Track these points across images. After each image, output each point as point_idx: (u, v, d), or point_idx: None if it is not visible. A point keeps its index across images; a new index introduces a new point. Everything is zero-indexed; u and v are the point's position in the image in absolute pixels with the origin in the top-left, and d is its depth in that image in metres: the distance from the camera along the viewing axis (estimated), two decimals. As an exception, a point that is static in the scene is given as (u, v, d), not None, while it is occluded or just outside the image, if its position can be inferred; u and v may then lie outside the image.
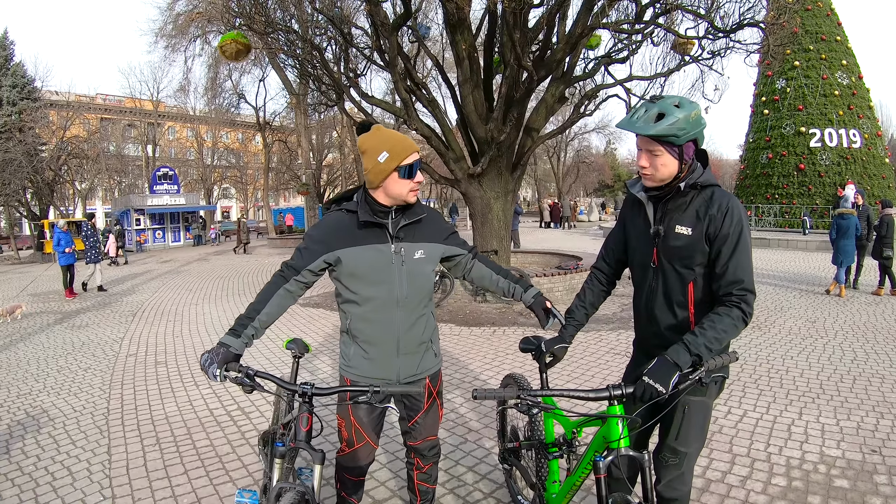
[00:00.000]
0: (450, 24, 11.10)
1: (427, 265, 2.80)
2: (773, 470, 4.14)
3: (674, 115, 2.28)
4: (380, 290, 2.70)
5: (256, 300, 2.70)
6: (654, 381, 2.17)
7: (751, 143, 27.09)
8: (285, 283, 2.71)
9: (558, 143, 54.28)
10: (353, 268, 2.68)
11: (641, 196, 2.56)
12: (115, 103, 54.36)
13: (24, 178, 29.52)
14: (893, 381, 6.05)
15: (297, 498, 2.40)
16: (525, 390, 2.39)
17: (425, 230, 2.81)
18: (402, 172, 2.61)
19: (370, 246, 2.67)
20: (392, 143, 2.61)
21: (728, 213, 2.35)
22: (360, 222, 2.67)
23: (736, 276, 2.32)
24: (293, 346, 3.39)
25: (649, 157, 2.40)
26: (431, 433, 3.03)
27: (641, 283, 2.69)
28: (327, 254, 2.67)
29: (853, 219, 11.05)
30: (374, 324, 2.74)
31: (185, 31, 30.93)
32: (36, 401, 6.31)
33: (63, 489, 4.20)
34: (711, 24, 10.09)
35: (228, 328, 2.64)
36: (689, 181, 2.42)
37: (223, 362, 2.49)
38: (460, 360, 7.37)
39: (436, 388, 2.98)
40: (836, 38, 24.97)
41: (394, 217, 2.71)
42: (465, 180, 11.52)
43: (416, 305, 2.78)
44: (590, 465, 2.48)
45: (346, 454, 2.94)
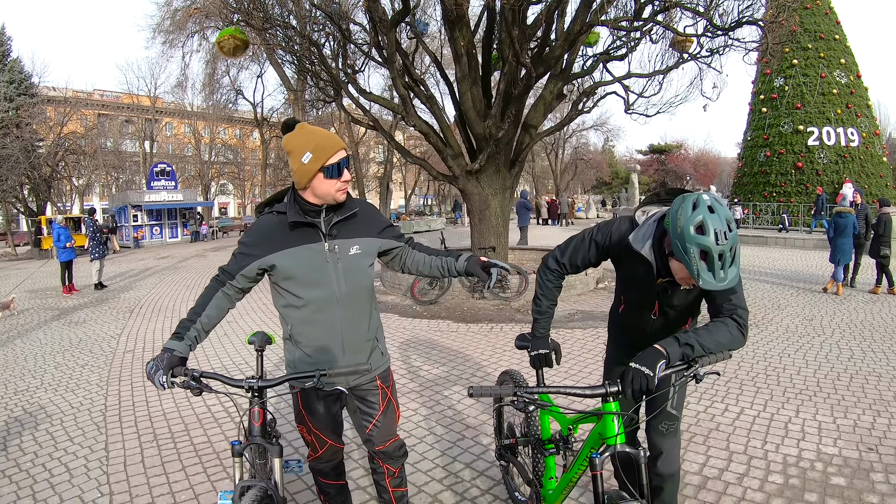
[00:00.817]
0: (448, 21, 11.08)
1: (364, 260, 2.76)
2: (769, 467, 4.15)
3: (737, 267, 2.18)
4: (318, 291, 2.66)
5: (196, 304, 2.66)
6: (640, 365, 2.18)
7: (749, 141, 27.10)
8: (222, 287, 2.68)
9: (556, 139, 54.29)
10: (288, 271, 2.63)
11: (648, 255, 2.46)
12: (112, 99, 54.25)
13: (21, 174, 29.46)
14: (890, 379, 6.06)
15: (260, 494, 2.41)
16: (521, 387, 2.39)
17: (359, 225, 2.75)
18: (327, 172, 2.54)
19: (303, 247, 2.63)
20: (316, 143, 2.53)
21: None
22: (290, 223, 2.61)
23: (724, 299, 2.39)
24: (255, 339, 3.34)
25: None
26: (393, 434, 2.98)
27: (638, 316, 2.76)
28: (260, 259, 2.62)
29: (851, 217, 11.05)
30: (315, 325, 2.70)
31: (183, 26, 30.81)
32: (33, 397, 6.30)
33: (61, 486, 4.20)
34: (710, 21, 10.10)
35: (172, 332, 2.61)
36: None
37: (169, 367, 2.45)
38: (458, 357, 7.37)
39: (388, 387, 2.94)
40: (834, 36, 24.98)
41: (326, 215, 2.66)
42: (463, 177, 11.52)
43: (358, 303, 2.75)
44: (586, 461, 2.48)
45: (314, 458, 2.95)
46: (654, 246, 2.42)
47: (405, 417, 5.33)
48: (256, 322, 10.02)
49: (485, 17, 12.10)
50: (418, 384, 6.32)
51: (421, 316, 9.98)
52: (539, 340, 2.88)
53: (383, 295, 12.00)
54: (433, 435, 4.94)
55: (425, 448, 4.68)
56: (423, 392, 6.04)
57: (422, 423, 5.20)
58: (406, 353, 7.59)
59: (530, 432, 3.13)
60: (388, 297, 11.81)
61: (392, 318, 9.74)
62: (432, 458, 4.48)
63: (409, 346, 7.96)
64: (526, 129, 11.73)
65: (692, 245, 2.09)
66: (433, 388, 6.15)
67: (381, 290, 12.46)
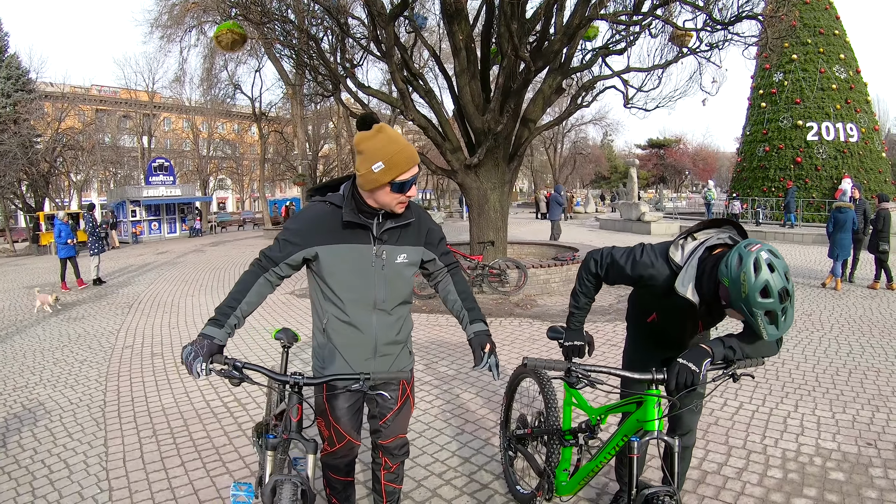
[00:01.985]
0: (447, 15, 11.05)
1: (409, 269, 2.73)
2: (769, 462, 4.15)
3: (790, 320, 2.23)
4: (356, 293, 2.62)
5: (236, 289, 2.58)
6: (688, 361, 2.26)
7: (748, 135, 27.08)
8: (265, 273, 2.61)
9: (555, 134, 54.24)
10: (330, 266, 2.59)
11: (693, 298, 2.44)
12: (110, 94, 54.13)
13: (19, 170, 29.44)
14: (889, 374, 6.07)
15: (295, 489, 2.38)
16: (576, 363, 2.43)
17: (412, 233, 2.70)
18: (394, 187, 2.46)
19: (351, 245, 2.57)
20: (391, 155, 2.42)
21: None
22: (344, 221, 2.55)
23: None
24: (282, 335, 3.31)
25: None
26: (401, 431, 2.95)
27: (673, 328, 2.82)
28: (306, 249, 2.57)
29: (850, 213, 11.05)
30: (349, 326, 2.65)
31: (181, 21, 30.74)
32: (32, 393, 6.30)
33: (60, 482, 4.20)
34: (710, 16, 10.09)
35: (208, 318, 2.53)
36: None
37: (208, 355, 2.39)
38: (457, 351, 7.37)
39: (409, 385, 2.93)
40: (834, 31, 24.94)
41: (380, 220, 2.59)
42: (462, 171, 11.50)
43: (394, 309, 2.72)
44: (615, 449, 2.60)
45: (329, 453, 2.89)
46: (696, 286, 2.43)
47: (404, 412, 5.34)
48: (283, 317, 10.02)
49: (483, 11, 12.08)
50: (417, 378, 6.31)
51: (420, 310, 9.97)
52: (573, 332, 2.93)
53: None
54: (433, 429, 4.94)
55: (425, 442, 4.69)
56: (422, 387, 6.05)
57: (421, 418, 5.20)
58: (405, 348, 7.59)
59: (549, 422, 3.16)
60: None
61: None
62: (431, 453, 4.48)
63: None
64: (525, 124, 11.71)
65: (759, 310, 2.12)
66: (432, 383, 6.16)
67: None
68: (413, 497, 3.82)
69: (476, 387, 5.97)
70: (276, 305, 10.98)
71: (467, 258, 11.51)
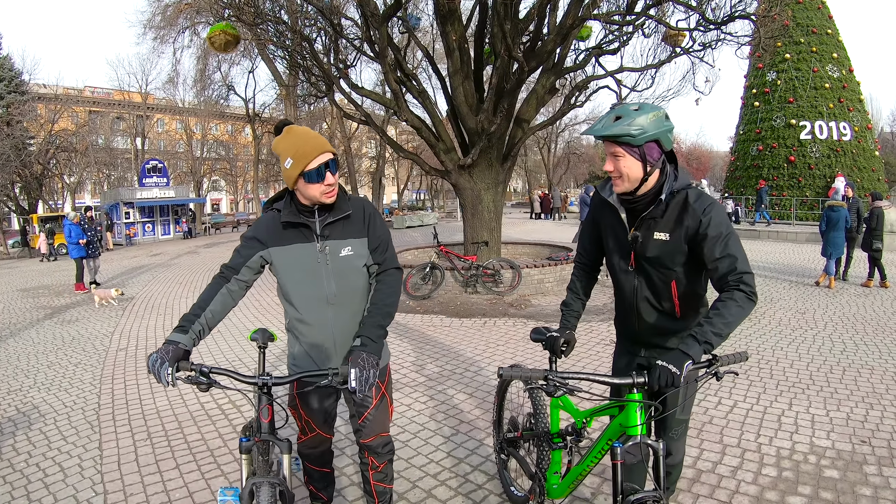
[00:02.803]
0: (440, 15, 11.06)
1: (356, 260, 2.76)
2: (763, 460, 4.16)
3: (630, 116, 2.34)
4: (308, 290, 2.71)
5: (200, 298, 2.66)
6: (667, 363, 2.21)
7: (741, 135, 27.14)
8: (227, 283, 2.70)
9: (549, 134, 54.22)
10: (282, 267, 2.72)
11: (614, 201, 2.60)
12: (103, 96, 53.98)
13: (12, 172, 29.35)
14: (883, 371, 6.09)
15: (273, 490, 2.40)
16: (552, 371, 2.40)
17: (354, 226, 2.76)
18: (307, 178, 2.55)
19: (296, 245, 2.69)
20: (296, 148, 2.55)
21: (707, 216, 2.41)
22: (283, 223, 2.67)
23: (728, 268, 2.36)
24: (257, 336, 3.28)
25: (613, 160, 2.45)
26: (383, 430, 2.98)
27: (623, 283, 2.75)
28: (263, 251, 2.70)
29: (843, 211, 11.08)
30: (308, 324, 2.76)
31: (174, 22, 30.74)
32: (27, 397, 6.28)
33: (55, 486, 4.18)
34: (703, 15, 10.10)
35: (175, 326, 2.58)
36: (665, 189, 2.47)
37: (174, 360, 2.41)
38: (451, 352, 7.37)
39: (384, 383, 2.95)
40: (827, 31, 25.01)
41: (319, 216, 2.69)
42: (456, 171, 11.51)
43: (349, 303, 2.78)
44: (601, 453, 2.55)
45: (303, 441, 3.02)
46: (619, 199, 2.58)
47: (399, 413, 5.33)
48: (261, 320, 10.00)
49: (477, 12, 12.10)
50: (412, 379, 6.32)
51: (414, 311, 9.97)
52: (559, 330, 2.90)
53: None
54: (427, 430, 4.94)
55: (419, 443, 4.68)
56: (416, 387, 6.04)
57: (416, 419, 5.20)
58: (399, 349, 7.59)
59: (538, 425, 3.15)
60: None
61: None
62: (426, 454, 4.48)
63: (402, 342, 7.96)
64: (518, 124, 11.73)
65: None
66: (427, 384, 6.15)
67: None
68: (408, 498, 3.82)
69: (471, 387, 5.97)
70: (270, 307, 10.96)
71: (461, 258, 11.52)
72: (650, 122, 2.34)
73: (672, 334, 2.68)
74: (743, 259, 2.37)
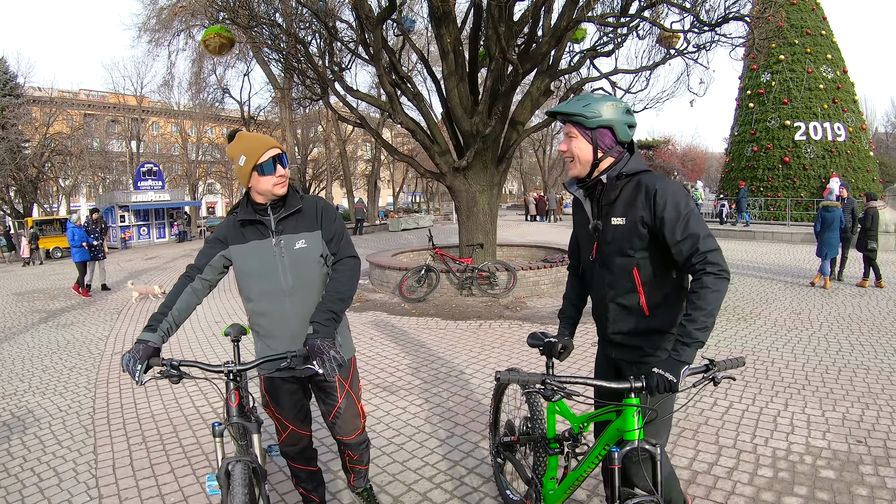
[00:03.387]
0: (435, 18, 11.07)
1: (311, 252, 2.93)
2: (759, 461, 4.16)
3: (589, 100, 2.46)
4: (267, 284, 2.89)
5: (166, 298, 2.85)
6: (664, 371, 2.20)
7: (736, 136, 27.19)
8: (191, 283, 2.90)
9: (544, 136, 54.22)
10: (240, 265, 2.91)
11: (578, 193, 2.67)
12: (98, 99, 53.80)
13: (7, 175, 29.31)
14: (878, 371, 6.10)
15: (246, 468, 2.53)
16: (551, 375, 2.37)
17: (305, 220, 2.94)
18: (260, 170, 2.77)
19: (252, 242, 2.88)
20: (247, 146, 2.79)
21: (656, 196, 2.39)
22: (240, 221, 2.89)
23: (691, 249, 2.33)
24: (231, 330, 3.57)
25: (567, 140, 2.53)
26: (356, 427, 3.20)
27: (590, 276, 2.77)
28: (223, 250, 2.92)
29: (838, 211, 11.11)
30: (267, 317, 2.94)
31: (169, 25, 30.62)
32: (21, 401, 6.26)
33: (49, 490, 4.17)
34: (697, 17, 10.14)
35: (144, 325, 2.76)
36: (612, 172, 2.51)
37: (144, 357, 2.58)
38: (446, 354, 7.36)
39: (347, 380, 3.12)
40: (821, 32, 25.07)
41: (274, 213, 2.89)
42: (451, 174, 11.51)
43: (306, 294, 2.92)
44: (597, 458, 2.51)
45: (281, 441, 3.19)
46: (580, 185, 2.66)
47: (394, 416, 5.33)
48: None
49: (471, 14, 12.09)
50: (407, 381, 6.31)
51: (409, 314, 9.96)
52: (556, 335, 2.91)
53: (371, 293, 11.97)
54: (422, 433, 4.93)
55: (415, 446, 4.67)
56: (411, 390, 6.04)
57: (411, 421, 5.19)
58: (395, 351, 7.58)
59: (534, 430, 3.13)
60: (377, 294, 11.78)
61: (381, 316, 9.70)
62: (421, 456, 4.47)
63: (397, 344, 7.95)
64: (513, 126, 11.74)
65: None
66: (422, 386, 6.15)
67: (368, 289, 12.43)
68: (403, 501, 3.81)
69: (466, 390, 5.97)
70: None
71: (457, 261, 11.51)
72: (606, 109, 2.43)
73: (641, 335, 2.61)
74: (705, 237, 2.33)
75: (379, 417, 5.26)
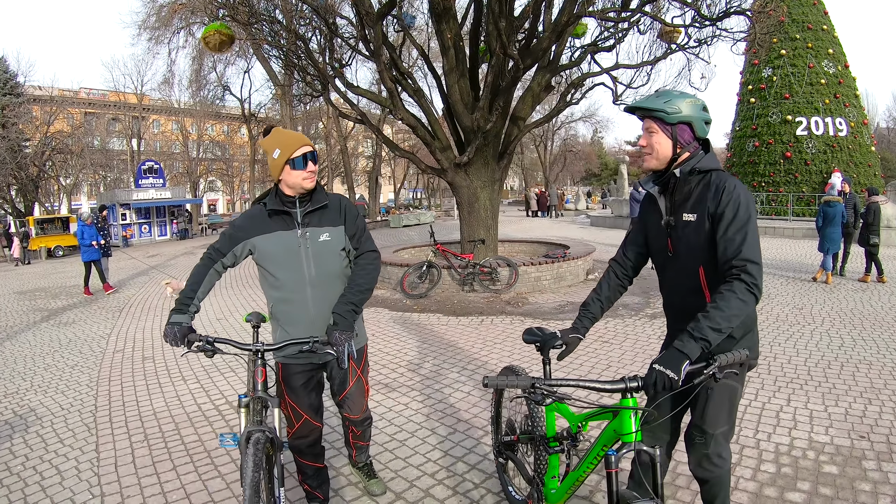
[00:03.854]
0: (435, 13, 11.05)
1: (334, 245, 3.15)
2: (762, 456, 4.16)
3: (668, 96, 2.50)
4: (290, 272, 3.09)
5: (191, 281, 3.11)
6: (664, 368, 2.17)
7: (737, 131, 27.12)
8: (213, 265, 3.13)
9: (545, 131, 54.29)
10: (265, 252, 3.10)
11: (653, 190, 2.68)
12: (98, 97, 53.80)
13: (7, 174, 29.31)
14: (881, 367, 6.08)
15: (263, 437, 2.75)
16: (540, 379, 2.34)
17: (330, 215, 3.16)
18: (292, 164, 2.99)
19: (279, 232, 3.08)
20: (283, 141, 3.02)
21: (723, 192, 2.43)
22: (269, 211, 3.09)
23: (734, 251, 2.35)
24: (252, 317, 3.80)
25: (646, 135, 2.58)
26: (361, 407, 3.49)
27: (661, 272, 2.81)
28: (247, 240, 3.11)
29: (839, 206, 11.09)
30: (289, 304, 3.13)
31: (169, 22, 30.63)
32: (23, 399, 6.26)
33: (52, 488, 4.17)
34: (698, 12, 10.10)
35: (173, 308, 3.04)
36: (685, 167, 2.51)
37: (184, 336, 2.91)
38: (448, 350, 7.36)
39: (360, 366, 3.42)
40: (822, 27, 24.99)
41: (301, 206, 3.10)
42: (452, 170, 11.51)
43: (328, 284, 3.14)
44: (596, 459, 2.48)
45: (293, 434, 3.31)
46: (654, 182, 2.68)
47: (396, 412, 5.33)
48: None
49: (472, 10, 12.06)
50: (409, 378, 6.31)
51: (411, 310, 9.96)
52: (564, 329, 2.89)
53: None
54: (424, 429, 4.93)
55: (417, 442, 4.67)
56: (414, 386, 6.03)
57: (413, 418, 5.19)
58: (396, 348, 7.58)
59: (534, 429, 3.10)
60: (378, 291, 11.76)
61: (382, 313, 9.70)
62: (424, 453, 4.47)
63: (399, 340, 7.94)
64: (514, 122, 11.72)
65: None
66: (424, 382, 6.14)
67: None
68: (406, 497, 3.81)
69: (468, 386, 5.96)
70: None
71: (458, 257, 11.51)
72: (686, 105, 2.47)
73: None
74: (752, 247, 2.35)
75: (381, 414, 5.26)
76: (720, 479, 2.67)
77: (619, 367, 6.39)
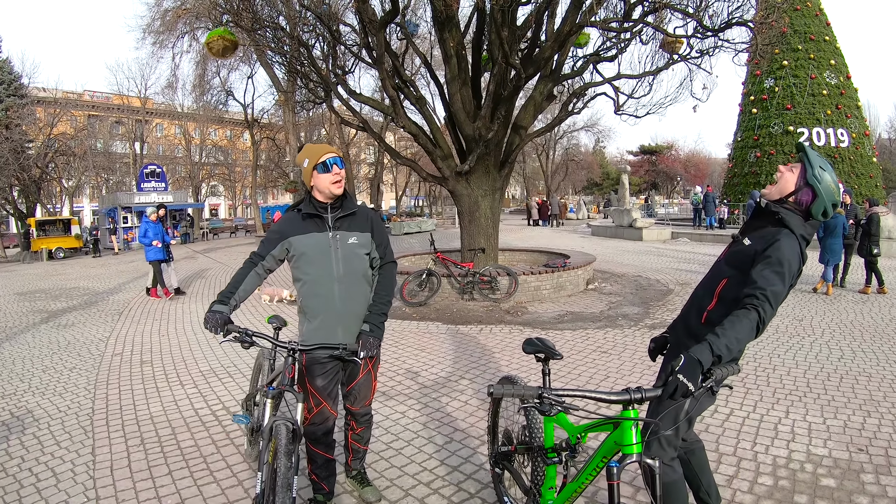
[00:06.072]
0: (438, 22, 11.07)
1: (360, 249, 3.49)
2: (759, 469, 4.14)
3: (828, 168, 2.75)
4: (320, 269, 3.41)
5: (234, 280, 3.44)
6: (686, 379, 2.19)
7: (739, 141, 27.19)
8: (255, 268, 3.47)
9: (547, 140, 54.38)
10: (299, 250, 3.41)
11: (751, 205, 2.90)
12: (102, 100, 53.97)
13: (10, 175, 29.32)
14: (880, 379, 6.07)
15: (287, 427, 2.98)
16: (547, 389, 2.34)
17: (359, 222, 3.52)
18: (319, 169, 3.36)
19: (312, 234, 3.42)
20: (311, 151, 3.42)
21: (777, 240, 2.66)
22: (303, 215, 3.43)
23: (758, 285, 2.51)
24: (274, 320, 3.95)
25: (789, 167, 2.86)
26: (366, 400, 3.72)
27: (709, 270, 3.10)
28: (283, 241, 3.44)
29: (840, 217, 11.09)
30: (317, 297, 3.43)
31: (173, 27, 30.74)
32: (20, 401, 6.25)
33: (47, 490, 4.16)
34: (700, 22, 10.11)
35: (215, 299, 3.33)
36: (777, 206, 2.80)
37: (223, 324, 3.19)
38: (447, 359, 7.35)
39: (371, 361, 3.64)
40: (824, 37, 25.06)
41: (332, 212, 3.44)
42: (453, 178, 11.52)
43: (353, 282, 3.48)
44: (596, 470, 2.48)
45: (310, 420, 3.51)
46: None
47: (393, 420, 5.31)
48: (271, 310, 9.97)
49: (475, 19, 12.10)
50: (407, 386, 6.30)
51: (410, 318, 9.95)
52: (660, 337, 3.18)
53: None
54: (421, 438, 4.92)
55: (413, 451, 4.66)
56: (412, 395, 6.02)
57: (410, 426, 5.18)
58: (395, 356, 7.57)
59: (532, 440, 3.09)
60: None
61: (382, 320, 9.62)
62: (420, 462, 4.46)
63: (397, 349, 7.93)
64: (516, 130, 11.73)
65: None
66: (422, 391, 6.13)
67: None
68: (402, 506, 3.80)
69: (466, 395, 5.95)
70: (288, 313, 10.94)
71: (458, 265, 11.50)
72: (827, 185, 2.72)
73: (692, 338, 2.78)
74: (774, 288, 2.52)
75: (378, 422, 5.24)
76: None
77: (617, 378, 6.38)
